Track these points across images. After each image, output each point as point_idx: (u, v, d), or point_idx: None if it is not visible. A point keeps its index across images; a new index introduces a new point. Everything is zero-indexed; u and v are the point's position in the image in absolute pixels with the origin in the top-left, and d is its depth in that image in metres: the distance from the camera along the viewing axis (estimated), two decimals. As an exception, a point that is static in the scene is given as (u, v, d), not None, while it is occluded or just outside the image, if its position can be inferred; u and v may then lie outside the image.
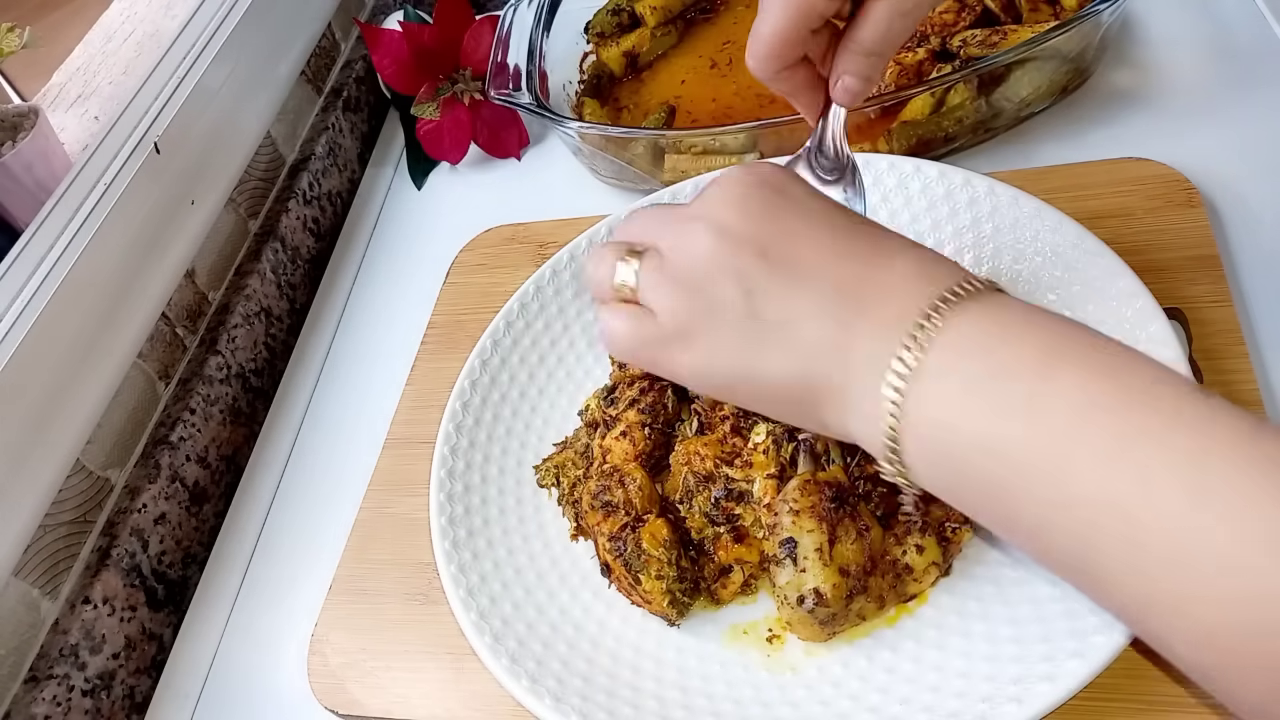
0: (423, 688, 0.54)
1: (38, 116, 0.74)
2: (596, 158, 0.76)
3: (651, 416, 0.55)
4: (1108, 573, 0.33)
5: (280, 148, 0.88)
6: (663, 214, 0.43)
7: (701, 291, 0.40)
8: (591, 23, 0.88)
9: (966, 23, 0.72)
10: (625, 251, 0.43)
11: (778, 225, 0.40)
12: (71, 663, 0.58)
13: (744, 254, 0.39)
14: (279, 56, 0.86)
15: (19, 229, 0.67)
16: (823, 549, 0.45)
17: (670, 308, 0.41)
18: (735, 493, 0.51)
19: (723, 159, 0.71)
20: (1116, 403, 0.33)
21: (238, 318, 0.76)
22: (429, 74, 0.84)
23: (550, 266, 0.66)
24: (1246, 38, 0.73)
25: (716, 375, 0.41)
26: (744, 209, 0.40)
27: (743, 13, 0.88)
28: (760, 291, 0.39)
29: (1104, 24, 0.66)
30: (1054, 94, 0.70)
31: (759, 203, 0.40)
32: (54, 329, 0.61)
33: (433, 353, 0.71)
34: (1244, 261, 0.59)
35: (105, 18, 0.94)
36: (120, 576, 0.62)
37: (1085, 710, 0.44)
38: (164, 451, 0.67)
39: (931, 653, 0.46)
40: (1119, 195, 0.62)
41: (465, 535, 0.56)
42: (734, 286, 0.39)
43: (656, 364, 0.43)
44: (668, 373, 0.43)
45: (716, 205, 0.41)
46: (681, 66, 0.86)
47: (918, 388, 0.36)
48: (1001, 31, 0.69)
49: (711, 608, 0.51)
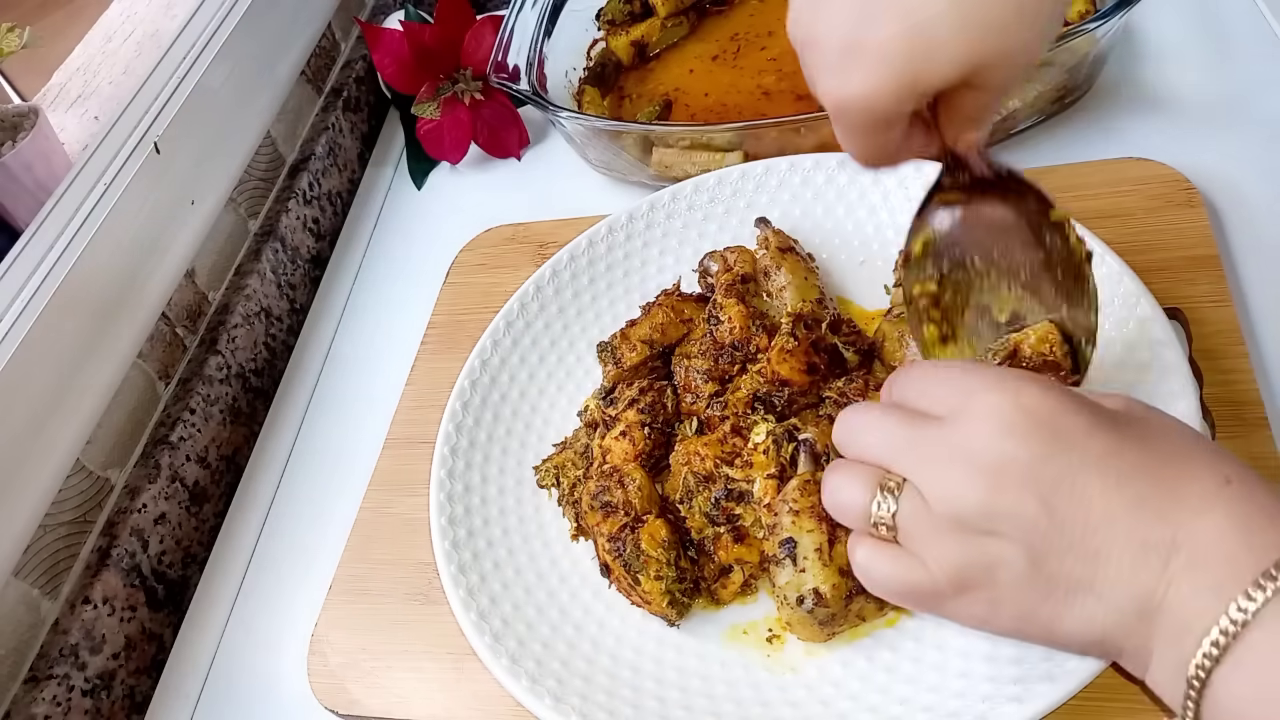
0: (423, 688, 0.54)
1: (38, 116, 0.74)
2: (588, 146, 0.76)
3: (651, 416, 0.55)
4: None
5: (280, 148, 0.88)
6: (911, 434, 0.38)
7: (976, 546, 0.36)
8: (603, 9, 0.88)
9: None
10: (880, 480, 0.38)
11: (1057, 468, 0.35)
12: (71, 663, 0.58)
13: (1024, 506, 0.35)
14: (279, 56, 0.86)
15: (19, 229, 0.68)
16: (822, 549, 0.45)
17: (941, 561, 0.37)
18: (735, 493, 0.51)
19: (708, 154, 0.71)
20: None
21: (238, 318, 0.76)
22: (429, 74, 0.84)
23: (550, 266, 0.66)
24: (1247, 38, 0.73)
25: (1005, 630, 0.37)
26: (1015, 449, 0.35)
27: (757, 6, 0.88)
28: (1047, 553, 0.35)
29: (1099, 39, 0.66)
30: (1044, 107, 0.70)
31: (1033, 441, 0.35)
32: (54, 329, 0.61)
33: (433, 353, 0.71)
34: (1244, 261, 0.59)
35: (105, 18, 0.94)
36: (120, 576, 0.62)
37: (1085, 710, 0.44)
38: (164, 451, 0.67)
39: (931, 653, 0.46)
40: (1119, 195, 0.62)
41: (465, 535, 0.56)
42: (1014, 546, 0.35)
43: (929, 610, 0.39)
44: (943, 616, 0.39)
45: (985, 445, 0.36)
46: (691, 57, 0.86)
47: (1235, 654, 0.32)
48: None
49: (711, 608, 0.51)
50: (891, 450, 0.39)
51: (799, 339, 0.54)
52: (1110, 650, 0.36)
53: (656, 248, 0.67)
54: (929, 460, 0.37)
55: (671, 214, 0.67)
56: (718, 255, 0.62)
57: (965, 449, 0.36)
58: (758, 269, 0.61)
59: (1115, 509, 0.34)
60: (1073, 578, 0.35)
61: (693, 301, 0.61)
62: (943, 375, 0.40)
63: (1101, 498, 0.35)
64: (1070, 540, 0.35)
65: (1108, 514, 0.34)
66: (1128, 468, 0.35)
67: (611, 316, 0.66)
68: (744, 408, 0.54)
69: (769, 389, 0.53)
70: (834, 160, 0.65)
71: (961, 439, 0.37)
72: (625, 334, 0.60)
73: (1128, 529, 0.34)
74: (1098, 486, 0.35)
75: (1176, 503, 0.34)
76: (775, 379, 0.53)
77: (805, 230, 0.64)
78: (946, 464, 0.36)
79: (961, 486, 0.36)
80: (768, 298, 0.60)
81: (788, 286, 0.59)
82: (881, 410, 0.41)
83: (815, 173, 0.65)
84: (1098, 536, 0.34)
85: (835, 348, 0.55)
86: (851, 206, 0.64)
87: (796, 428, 0.51)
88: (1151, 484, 0.35)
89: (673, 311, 0.60)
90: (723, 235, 0.66)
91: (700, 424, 0.55)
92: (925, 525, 0.37)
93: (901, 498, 0.38)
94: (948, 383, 0.39)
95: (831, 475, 0.41)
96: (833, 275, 0.63)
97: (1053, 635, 0.36)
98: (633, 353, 0.59)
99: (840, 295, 0.63)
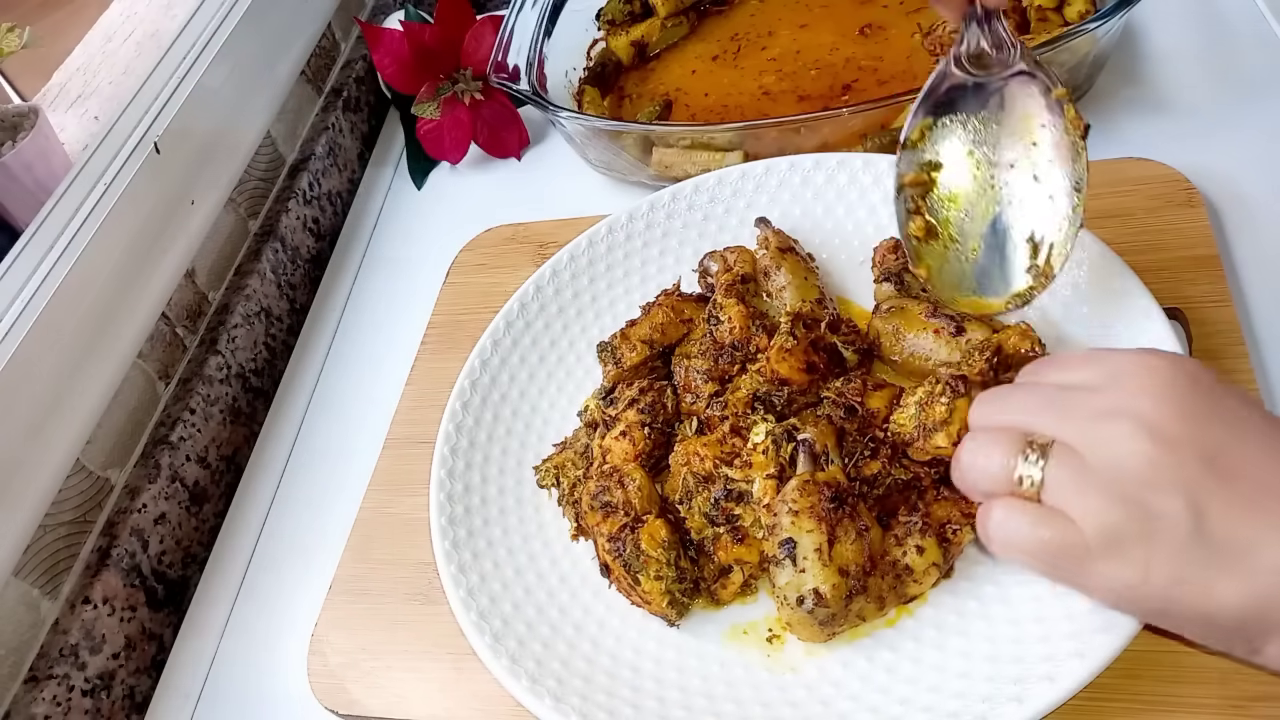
0: (423, 688, 0.54)
1: (38, 116, 0.74)
2: (588, 146, 0.76)
3: (651, 416, 0.55)
4: None
5: (280, 148, 0.88)
6: (1058, 399, 0.38)
7: (1139, 503, 0.35)
8: (603, 9, 0.88)
9: None
10: (1024, 443, 0.38)
11: (1221, 431, 0.35)
12: (71, 663, 0.58)
13: (1189, 463, 0.35)
14: (279, 56, 0.86)
15: (19, 229, 0.67)
16: (822, 549, 0.45)
17: (1097, 516, 0.36)
18: (735, 493, 0.51)
19: (708, 154, 0.71)
20: None
21: (238, 318, 0.76)
22: (429, 73, 0.84)
23: (550, 266, 0.66)
24: (1247, 38, 0.73)
25: (1150, 597, 0.36)
26: (1180, 408, 0.35)
27: (757, 6, 0.88)
28: (1210, 506, 0.34)
29: (1099, 39, 0.66)
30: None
31: (1195, 403, 0.36)
32: (54, 329, 0.61)
33: (433, 353, 0.71)
34: (1244, 261, 0.59)
35: (105, 18, 0.94)
36: (120, 576, 0.62)
37: (1085, 710, 0.44)
38: (164, 451, 0.67)
39: (931, 653, 0.46)
40: (1119, 195, 0.62)
41: (465, 535, 0.56)
42: (1180, 500, 0.34)
43: (1066, 574, 0.38)
44: (1078, 585, 0.38)
45: (1142, 399, 0.36)
46: (692, 57, 0.86)
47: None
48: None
49: (711, 608, 0.51)
50: (1041, 411, 0.38)
51: (798, 338, 0.54)
52: (1268, 621, 0.35)
53: (656, 248, 0.67)
54: (1086, 417, 0.37)
55: (671, 214, 0.67)
56: (718, 255, 0.62)
57: (1128, 406, 0.36)
58: (758, 269, 0.61)
59: (1277, 475, 0.34)
60: (1238, 539, 0.34)
61: (692, 301, 0.61)
62: (1084, 356, 0.40)
63: (1265, 461, 0.35)
64: (1236, 502, 0.34)
65: (1272, 479, 0.34)
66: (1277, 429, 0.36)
67: (611, 316, 0.66)
68: (744, 408, 0.54)
69: (768, 388, 0.53)
70: (834, 160, 0.65)
71: (1123, 397, 0.36)
72: (625, 334, 0.60)
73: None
74: (1258, 451, 0.35)
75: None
76: (774, 378, 0.53)
77: (805, 230, 0.64)
78: (1107, 419, 0.36)
79: (1127, 441, 0.35)
80: (768, 298, 0.60)
81: (787, 286, 0.59)
82: (1023, 386, 0.41)
83: (815, 173, 0.65)
84: (1263, 501, 0.34)
85: (834, 347, 0.55)
86: (851, 206, 0.64)
87: (796, 428, 0.51)
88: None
89: (672, 311, 0.60)
90: (723, 235, 0.66)
91: (700, 424, 0.55)
92: (1080, 480, 0.36)
93: (1052, 452, 0.37)
94: (1091, 361, 0.39)
95: (968, 443, 0.40)
96: (833, 275, 0.63)
97: (1207, 602, 0.35)
98: (633, 353, 0.59)
99: (840, 295, 0.63)
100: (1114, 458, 0.35)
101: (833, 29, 0.82)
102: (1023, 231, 0.49)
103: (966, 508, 0.48)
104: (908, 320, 0.54)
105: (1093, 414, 0.37)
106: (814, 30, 0.83)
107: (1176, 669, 0.44)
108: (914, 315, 0.54)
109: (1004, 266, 0.49)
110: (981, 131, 0.49)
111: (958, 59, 0.49)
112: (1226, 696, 0.43)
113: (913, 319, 0.54)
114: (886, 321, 0.55)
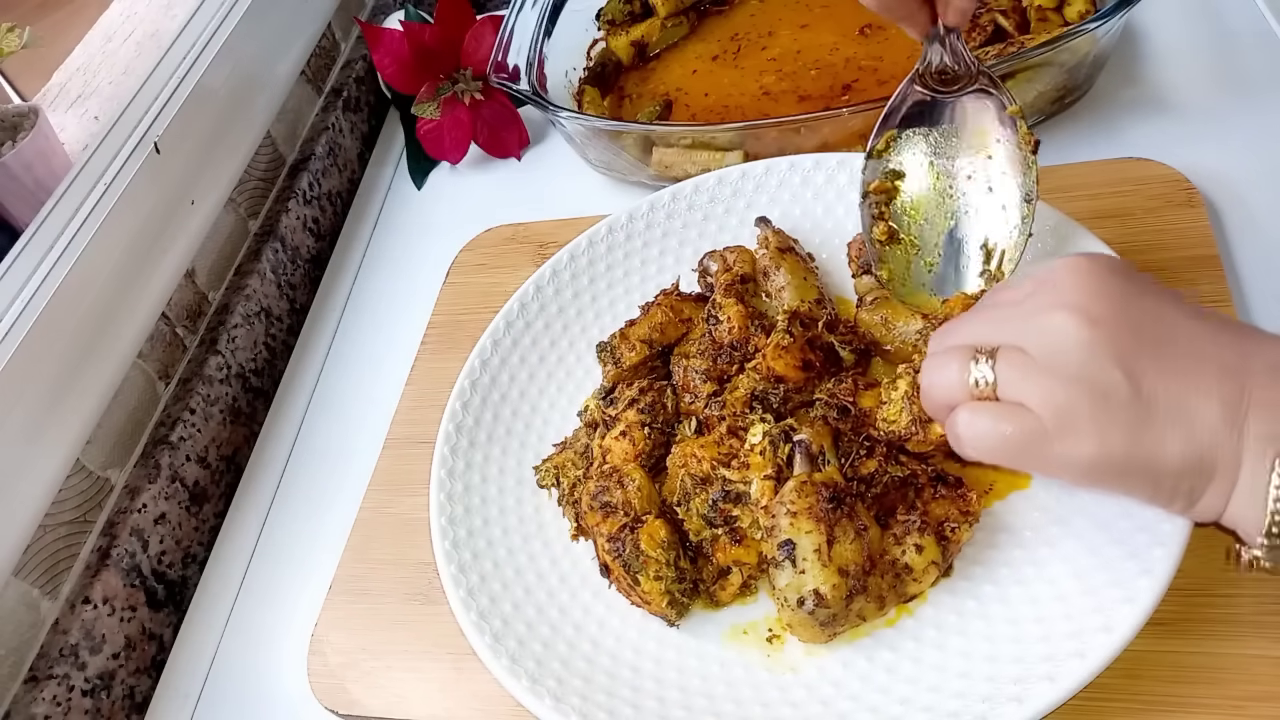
0: (423, 688, 0.54)
1: (38, 116, 0.74)
2: (588, 146, 0.76)
3: (651, 416, 0.55)
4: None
5: (280, 148, 0.88)
6: (998, 314, 0.42)
7: (1083, 379, 0.38)
8: (603, 10, 0.88)
9: (977, 42, 0.72)
10: (972, 353, 0.41)
11: (1146, 305, 0.39)
12: (71, 663, 0.58)
13: (1121, 337, 0.38)
14: (279, 56, 0.86)
15: (19, 229, 0.67)
16: (821, 549, 0.45)
17: (1049, 399, 0.38)
18: (732, 494, 0.51)
19: (708, 154, 0.71)
20: None
21: (238, 318, 0.76)
22: (429, 73, 0.84)
23: (550, 266, 0.66)
24: (1248, 38, 0.73)
25: (1112, 465, 0.38)
26: (1106, 293, 0.39)
27: (757, 6, 0.88)
28: (1145, 372, 0.38)
29: (1099, 39, 0.66)
30: (1044, 107, 0.70)
31: (1119, 285, 0.40)
32: (54, 329, 0.61)
33: (433, 353, 0.71)
34: (1244, 261, 0.59)
35: (105, 18, 0.94)
36: (120, 576, 0.62)
37: (1085, 710, 0.44)
38: (164, 451, 0.67)
39: (931, 653, 0.46)
40: (1119, 195, 0.62)
41: (465, 535, 0.56)
42: (1118, 370, 0.38)
43: (1032, 461, 0.40)
44: (1047, 469, 0.40)
45: (1074, 294, 0.39)
46: (692, 57, 0.86)
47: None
48: (1016, 44, 0.69)
49: (711, 608, 0.51)
50: (986, 325, 0.42)
51: (794, 336, 0.54)
52: (1207, 468, 0.38)
53: (656, 248, 0.67)
54: (1022, 318, 0.40)
55: (671, 214, 0.67)
56: (717, 255, 0.62)
57: (1060, 300, 0.39)
58: (757, 269, 0.61)
59: (1198, 334, 0.39)
60: (1171, 396, 0.37)
61: (692, 301, 0.61)
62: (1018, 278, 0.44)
63: (1186, 325, 0.39)
64: (1165, 363, 0.38)
65: (1193, 339, 0.38)
66: (1196, 311, 0.40)
67: (611, 316, 0.66)
68: (742, 407, 0.54)
69: (765, 386, 0.53)
70: (834, 160, 0.65)
71: (1055, 294, 0.40)
72: (625, 334, 0.60)
73: (1213, 355, 0.38)
74: (1180, 318, 0.39)
75: (1246, 334, 0.39)
76: (770, 375, 0.53)
77: (805, 230, 0.64)
78: (1043, 314, 0.40)
79: (1061, 328, 0.39)
80: (767, 298, 0.60)
81: (787, 286, 0.59)
82: (969, 312, 0.45)
83: (815, 173, 0.65)
84: (1187, 360, 0.38)
85: (831, 346, 0.55)
86: (852, 206, 0.64)
87: (793, 428, 0.51)
88: (1221, 320, 0.40)
89: (672, 311, 0.60)
90: (723, 235, 0.66)
91: (699, 424, 0.55)
92: (1028, 371, 0.39)
93: (1000, 354, 0.40)
94: (1024, 280, 0.43)
95: (925, 366, 0.43)
96: (833, 275, 0.63)
97: (1158, 461, 0.38)
98: (632, 353, 0.59)
99: (840, 295, 0.63)
100: (1054, 345, 0.39)
101: (833, 29, 0.82)
102: (977, 238, 0.53)
103: (964, 505, 0.48)
104: (893, 310, 0.55)
105: (1030, 314, 0.40)
106: (814, 30, 0.83)
107: (1176, 669, 0.45)
108: (898, 304, 0.55)
109: (959, 270, 0.54)
110: (942, 144, 0.54)
111: (920, 75, 0.53)
112: (1226, 696, 0.43)
113: (897, 308, 0.55)
114: (873, 313, 0.56)
